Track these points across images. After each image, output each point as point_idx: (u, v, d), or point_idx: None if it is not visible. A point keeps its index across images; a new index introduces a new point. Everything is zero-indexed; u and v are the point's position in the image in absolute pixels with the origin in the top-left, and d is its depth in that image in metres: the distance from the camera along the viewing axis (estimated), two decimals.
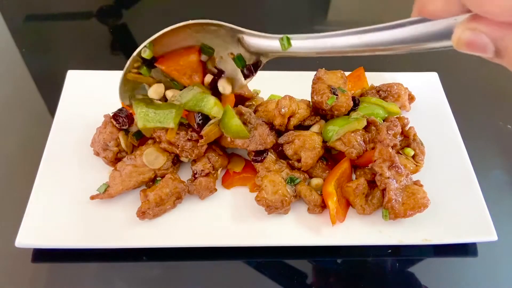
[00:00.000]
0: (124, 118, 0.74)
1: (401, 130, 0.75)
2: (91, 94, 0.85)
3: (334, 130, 0.73)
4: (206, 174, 0.74)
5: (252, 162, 0.75)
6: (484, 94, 1.01)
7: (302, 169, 0.74)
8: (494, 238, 0.69)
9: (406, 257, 0.72)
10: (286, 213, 0.72)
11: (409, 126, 0.79)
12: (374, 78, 0.89)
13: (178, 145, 0.72)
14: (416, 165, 0.75)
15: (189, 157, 0.73)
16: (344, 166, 0.73)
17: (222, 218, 0.71)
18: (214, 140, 0.74)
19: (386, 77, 0.91)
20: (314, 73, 0.78)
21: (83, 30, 1.13)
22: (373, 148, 0.73)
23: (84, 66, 0.90)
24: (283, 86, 0.83)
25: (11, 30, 1.10)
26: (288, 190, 0.71)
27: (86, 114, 0.81)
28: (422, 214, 0.69)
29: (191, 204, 0.73)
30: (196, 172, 0.74)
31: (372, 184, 0.73)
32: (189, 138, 0.71)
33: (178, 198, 0.71)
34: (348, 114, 0.76)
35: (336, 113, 0.74)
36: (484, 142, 0.90)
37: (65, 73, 0.89)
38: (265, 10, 1.23)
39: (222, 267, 0.70)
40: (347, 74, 0.84)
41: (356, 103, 0.77)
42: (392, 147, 0.71)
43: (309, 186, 0.73)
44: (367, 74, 0.90)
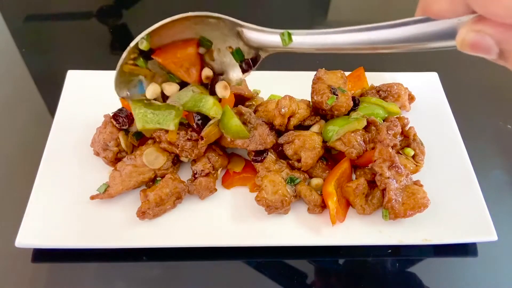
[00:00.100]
0: (124, 118, 0.74)
1: (401, 130, 0.75)
2: (91, 94, 0.85)
3: (334, 130, 0.73)
4: (206, 174, 0.74)
5: (252, 162, 0.75)
6: (484, 94, 1.00)
7: (302, 169, 0.74)
8: (494, 238, 0.69)
9: (406, 257, 0.72)
10: (286, 213, 0.72)
11: (409, 126, 0.79)
12: (374, 78, 0.89)
13: (178, 145, 0.72)
14: (416, 165, 0.75)
15: (189, 157, 0.73)
16: (344, 166, 0.73)
17: (222, 218, 0.71)
18: (214, 140, 0.74)
19: (386, 77, 0.91)
20: (314, 73, 0.78)
21: (83, 30, 1.13)
22: (373, 148, 0.73)
23: (84, 66, 0.90)
24: (283, 86, 0.83)
25: (11, 30, 1.10)
26: (288, 190, 0.71)
27: (86, 114, 0.81)
28: (422, 214, 0.69)
29: (191, 204, 0.73)
30: (196, 172, 0.74)
31: (372, 184, 0.73)
32: (189, 138, 0.71)
33: (178, 198, 0.71)
34: (348, 114, 0.76)
35: (336, 113, 0.74)
36: (484, 142, 0.90)
37: (65, 73, 0.89)
38: (265, 10, 1.23)
39: (222, 267, 0.70)
40: (347, 74, 0.84)
41: (356, 103, 0.77)
42: (392, 147, 0.71)
43: (309, 186, 0.73)
44: (367, 74, 0.90)
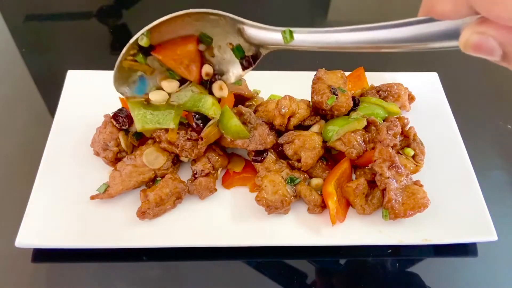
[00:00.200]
0: (124, 118, 0.74)
1: (401, 130, 0.75)
2: (91, 94, 0.85)
3: (334, 130, 0.73)
4: (206, 174, 0.74)
5: (252, 162, 0.75)
6: (484, 94, 1.00)
7: (302, 169, 0.74)
8: (494, 238, 0.69)
9: (406, 257, 0.72)
10: (286, 213, 0.72)
11: (409, 126, 0.79)
12: (374, 78, 0.89)
13: (177, 144, 0.72)
14: (416, 165, 0.75)
15: (188, 156, 0.73)
16: (344, 166, 0.73)
17: (222, 218, 0.71)
18: (214, 140, 0.73)
19: (386, 77, 0.90)
20: (314, 73, 0.78)
21: (83, 30, 1.13)
22: (373, 148, 0.73)
23: (84, 66, 0.90)
24: (283, 86, 0.83)
25: (11, 30, 1.10)
26: (288, 190, 0.71)
27: (86, 114, 0.81)
28: (422, 214, 0.69)
29: (191, 204, 0.73)
30: (196, 172, 0.74)
31: (372, 184, 0.73)
32: (188, 137, 0.71)
33: (178, 198, 0.71)
34: (348, 114, 0.76)
35: (336, 113, 0.74)
36: (484, 142, 0.90)
37: (65, 73, 0.89)
38: (265, 10, 1.23)
39: (222, 267, 0.70)
40: (347, 74, 0.84)
41: (356, 103, 0.77)
42: (392, 147, 0.71)
43: (309, 186, 0.73)
44: (367, 74, 0.90)
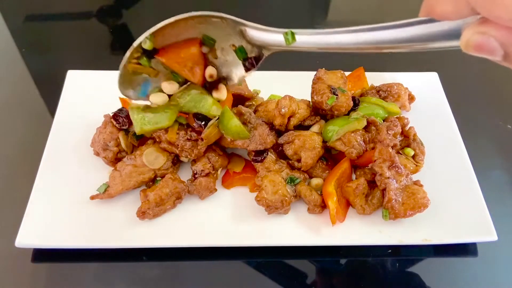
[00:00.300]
0: (124, 118, 0.74)
1: (401, 130, 0.75)
2: (91, 94, 0.85)
3: (334, 130, 0.73)
4: (206, 174, 0.73)
5: (252, 162, 0.75)
6: (484, 94, 1.00)
7: (302, 169, 0.74)
8: (494, 238, 0.69)
9: (406, 257, 0.72)
10: (286, 213, 0.72)
11: (409, 126, 0.79)
12: (374, 78, 0.89)
13: (177, 145, 0.72)
14: (416, 165, 0.75)
15: (188, 157, 0.73)
16: (344, 166, 0.73)
17: (222, 218, 0.71)
18: (214, 141, 0.74)
19: (386, 77, 0.90)
20: (314, 73, 0.78)
21: (83, 30, 1.13)
22: (373, 148, 0.73)
23: (84, 66, 0.90)
24: (283, 86, 0.83)
25: (11, 30, 1.10)
26: (288, 190, 0.71)
27: (86, 114, 0.81)
28: (422, 214, 0.69)
29: (191, 204, 0.73)
30: (196, 172, 0.74)
31: (372, 184, 0.73)
32: (188, 138, 0.72)
33: (178, 198, 0.71)
34: (348, 114, 0.76)
35: (336, 113, 0.74)
36: (484, 142, 0.90)
37: (65, 73, 0.89)
38: (265, 10, 1.23)
39: (222, 267, 0.70)
40: (347, 74, 0.84)
41: (356, 103, 0.77)
42: (392, 147, 0.71)
43: (309, 186, 0.73)
44: (367, 74, 0.90)
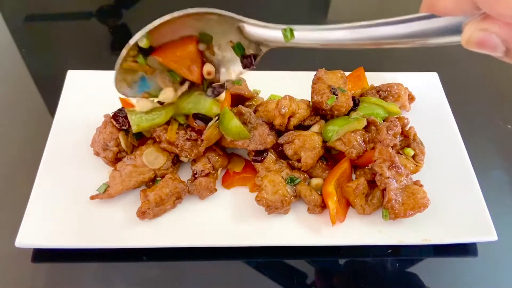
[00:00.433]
0: (124, 118, 0.74)
1: (401, 130, 0.75)
2: (91, 94, 0.85)
3: (334, 130, 0.73)
4: (206, 174, 0.74)
5: (252, 162, 0.75)
6: (484, 94, 1.00)
7: (302, 169, 0.74)
8: (494, 238, 0.69)
9: (406, 257, 0.72)
10: (286, 213, 0.72)
11: (409, 126, 0.79)
12: (374, 78, 0.89)
13: (177, 144, 0.72)
14: (416, 165, 0.75)
15: (188, 156, 0.73)
16: (344, 166, 0.73)
17: (222, 218, 0.71)
18: (214, 142, 0.74)
19: (386, 77, 0.90)
20: (314, 73, 0.78)
21: (83, 30, 1.13)
22: (373, 148, 0.73)
23: (84, 66, 0.90)
24: (283, 86, 0.83)
25: (11, 30, 1.10)
26: (288, 190, 0.71)
27: (86, 114, 0.81)
28: (422, 214, 0.69)
29: (191, 204, 0.73)
30: (196, 172, 0.74)
31: (372, 184, 0.73)
32: (188, 137, 0.72)
33: (178, 198, 0.71)
34: (348, 114, 0.76)
35: (336, 113, 0.74)
36: (484, 142, 0.90)
37: (65, 73, 0.89)
38: (264, 10, 1.23)
39: (222, 267, 0.70)
40: (347, 74, 0.84)
41: (356, 103, 0.77)
42: (392, 147, 0.71)
43: (309, 186, 0.73)
44: (367, 74, 0.90)
